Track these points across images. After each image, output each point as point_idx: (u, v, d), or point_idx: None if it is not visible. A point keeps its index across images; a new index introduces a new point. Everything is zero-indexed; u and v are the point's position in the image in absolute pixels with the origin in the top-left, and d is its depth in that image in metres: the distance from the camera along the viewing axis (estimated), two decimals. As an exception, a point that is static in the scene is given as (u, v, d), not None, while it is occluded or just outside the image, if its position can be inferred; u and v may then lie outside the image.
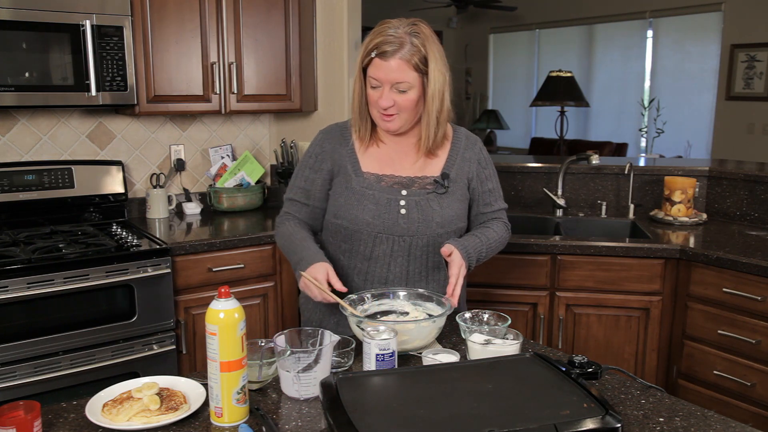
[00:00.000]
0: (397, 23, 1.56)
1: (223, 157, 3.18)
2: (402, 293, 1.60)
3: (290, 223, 1.74)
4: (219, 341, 1.16)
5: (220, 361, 1.17)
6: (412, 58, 1.54)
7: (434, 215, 1.65)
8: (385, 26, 1.56)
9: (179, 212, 3.09)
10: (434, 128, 1.63)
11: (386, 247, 1.64)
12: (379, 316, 1.54)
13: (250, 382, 1.31)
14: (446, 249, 1.60)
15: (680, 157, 6.57)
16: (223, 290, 1.18)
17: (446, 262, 1.64)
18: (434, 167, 1.70)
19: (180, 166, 3.12)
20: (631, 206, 3.06)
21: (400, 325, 1.41)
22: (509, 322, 1.43)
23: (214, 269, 2.59)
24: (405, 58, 1.53)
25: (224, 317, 1.16)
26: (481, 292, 2.64)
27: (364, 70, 1.60)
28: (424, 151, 1.68)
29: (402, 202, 1.64)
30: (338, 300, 1.49)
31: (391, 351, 1.30)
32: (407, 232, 1.64)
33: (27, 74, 2.38)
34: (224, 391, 1.17)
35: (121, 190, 2.86)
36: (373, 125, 1.68)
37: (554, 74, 6.97)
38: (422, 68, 1.56)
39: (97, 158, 2.90)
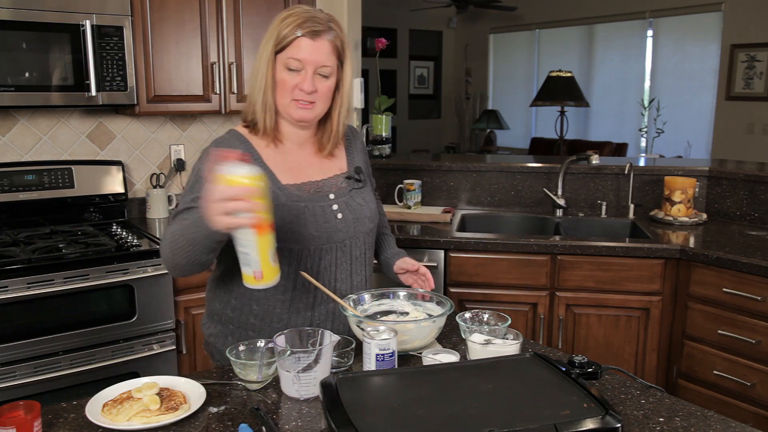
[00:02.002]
0: (313, 8, 1.52)
1: (223, 157, 3.18)
2: (402, 293, 1.61)
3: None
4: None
5: (257, 225, 1.18)
6: (336, 41, 1.49)
7: (363, 210, 1.62)
8: (300, 9, 1.49)
9: (179, 212, 3.09)
10: (344, 122, 1.60)
11: (331, 257, 1.57)
12: (379, 316, 1.54)
13: (250, 382, 1.31)
14: (410, 266, 1.70)
15: (680, 157, 6.57)
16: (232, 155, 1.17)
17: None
18: (339, 165, 1.64)
19: (180, 166, 3.12)
20: (631, 206, 3.06)
21: (400, 325, 1.41)
22: (509, 322, 1.43)
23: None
24: (332, 41, 1.48)
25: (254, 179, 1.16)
26: (481, 292, 2.65)
27: (276, 53, 1.48)
28: (330, 148, 1.61)
29: (335, 207, 1.57)
30: (338, 300, 1.49)
31: (391, 351, 1.29)
32: (346, 235, 1.58)
33: (27, 74, 2.38)
34: (262, 253, 1.21)
35: (121, 190, 2.86)
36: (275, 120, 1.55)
37: (554, 74, 6.97)
38: (342, 57, 1.52)
39: (97, 158, 2.90)
